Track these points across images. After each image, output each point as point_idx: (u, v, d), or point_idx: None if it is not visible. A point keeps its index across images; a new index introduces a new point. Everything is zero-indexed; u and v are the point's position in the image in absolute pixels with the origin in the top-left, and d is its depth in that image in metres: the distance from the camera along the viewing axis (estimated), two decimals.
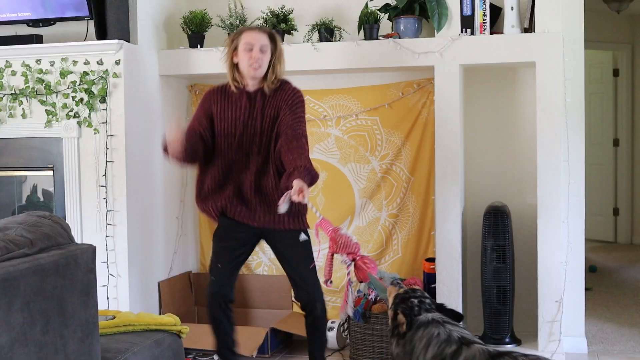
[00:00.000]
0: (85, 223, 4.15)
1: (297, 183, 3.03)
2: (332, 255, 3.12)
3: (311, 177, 3.14)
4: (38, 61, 4.16)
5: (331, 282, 3.17)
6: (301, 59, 4.22)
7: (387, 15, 4.26)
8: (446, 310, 2.68)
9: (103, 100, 4.06)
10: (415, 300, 2.66)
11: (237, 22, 4.37)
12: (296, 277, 3.37)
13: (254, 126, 3.33)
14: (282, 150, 3.25)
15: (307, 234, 3.37)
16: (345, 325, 4.13)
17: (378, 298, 3.97)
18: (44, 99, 4.14)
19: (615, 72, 7.81)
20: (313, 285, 3.36)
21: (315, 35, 4.27)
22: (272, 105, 3.34)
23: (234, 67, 3.36)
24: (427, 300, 2.68)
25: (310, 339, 3.44)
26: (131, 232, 4.12)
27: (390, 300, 2.76)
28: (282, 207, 3.07)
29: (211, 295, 3.38)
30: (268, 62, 3.33)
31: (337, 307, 4.34)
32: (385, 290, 2.93)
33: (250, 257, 3.57)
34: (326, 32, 4.24)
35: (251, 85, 3.36)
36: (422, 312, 2.61)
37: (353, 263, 3.09)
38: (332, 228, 3.11)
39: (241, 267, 3.49)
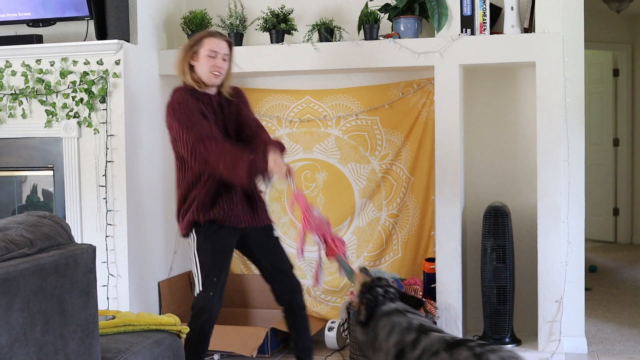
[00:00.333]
0: (85, 223, 4.15)
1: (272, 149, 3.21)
2: (304, 231, 3.18)
3: (282, 147, 3.35)
4: (38, 61, 4.16)
5: (303, 255, 3.23)
6: (301, 59, 4.22)
7: (387, 15, 4.26)
8: (408, 298, 2.80)
9: (103, 100, 4.06)
10: (381, 290, 2.77)
11: (237, 22, 4.37)
12: (274, 269, 3.41)
13: (230, 129, 3.37)
14: (256, 133, 3.39)
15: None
16: (345, 326, 4.13)
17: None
18: (44, 99, 4.14)
19: (615, 72, 7.82)
20: (291, 275, 3.43)
21: (315, 35, 4.27)
22: (234, 106, 3.42)
23: (190, 69, 3.35)
24: (392, 290, 2.79)
25: (295, 330, 3.44)
26: (131, 232, 4.12)
27: (357, 287, 2.86)
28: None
29: (208, 311, 3.26)
30: (226, 71, 3.38)
31: (337, 307, 4.34)
32: (352, 274, 3.03)
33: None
34: (326, 32, 4.24)
35: (211, 90, 3.39)
36: (386, 301, 2.72)
37: (325, 244, 3.16)
38: (307, 206, 3.17)
39: None
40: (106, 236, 4.09)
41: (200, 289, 3.28)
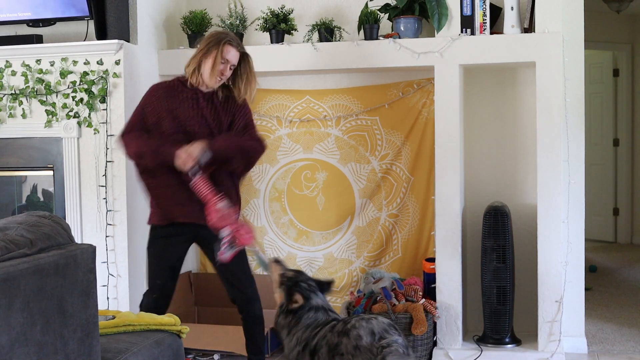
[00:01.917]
0: (85, 223, 4.15)
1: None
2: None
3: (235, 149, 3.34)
4: (38, 61, 4.16)
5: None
6: (301, 59, 4.22)
7: (387, 15, 4.26)
8: (321, 283, 3.01)
9: (103, 100, 4.07)
10: (305, 284, 2.95)
11: (237, 22, 4.37)
12: (229, 275, 3.40)
13: (208, 125, 3.36)
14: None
15: None
16: None
17: (378, 298, 3.97)
18: (44, 99, 4.14)
19: (615, 72, 7.81)
20: (249, 284, 3.43)
21: (315, 35, 4.27)
22: (227, 111, 3.41)
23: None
24: (312, 282, 2.98)
25: (249, 336, 3.48)
26: (131, 232, 4.12)
27: (277, 277, 3.02)
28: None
29: (153, 312, 3.28)
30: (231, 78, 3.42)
31: (337, 308, 4.34)
32: (266, 265, 3.13)
33: (250, 258, 3.57)
34: (326, 32, 4.24)
35: (205, 88, 3.40)
36: (311, 294, 2.91)
37: (232, 236, 3.17)
38: (209, 198, 3.18)
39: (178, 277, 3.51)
40: (106, 236, 4.09)
41: (147, 287, 3.43)
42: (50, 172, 4.23)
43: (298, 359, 2.83)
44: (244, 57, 3.40)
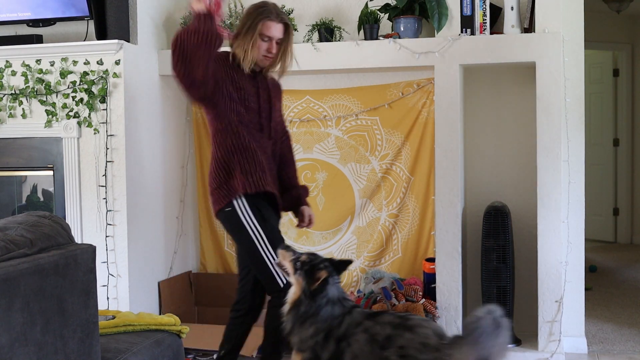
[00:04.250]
0: (85, 223, 4.14)
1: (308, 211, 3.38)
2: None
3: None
4: (38, 61, 4.16)
5: None
6: (301, 59, 4.21)
7: (387, 15, 4.26)
8: (337, 264, 2.88)
9: (103, 100, 4.07)
10: (322, 266, 2.83)
11: (237, 21, 4.37)
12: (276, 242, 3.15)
13: (263, 104, 3.21)
14: (286, 153, 3.40)
15: None
16: None
17: (378, 298, 3.97)
18: (44, 99, 4.14)
19: (615, 72, 7.82)
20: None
21: (315, 35, 4.27)
22: (277, 94, 3.34)
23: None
24: (328, 264, 2.85)
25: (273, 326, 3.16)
26: (131, 232, 4.12)
27: (289, 265, 2.86)
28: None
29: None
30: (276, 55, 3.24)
31: None
32: None
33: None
34: (326, 32, 4.24)
35: (257, 67, 3.23)
36: (329, 279, 2.79)
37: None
38: None
39: None
40: (106, 236, 4.09)
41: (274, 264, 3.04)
42: (50, 172, 4.23)
43: (315, 348, 2.70)
44: (286, 29, 3.20)
